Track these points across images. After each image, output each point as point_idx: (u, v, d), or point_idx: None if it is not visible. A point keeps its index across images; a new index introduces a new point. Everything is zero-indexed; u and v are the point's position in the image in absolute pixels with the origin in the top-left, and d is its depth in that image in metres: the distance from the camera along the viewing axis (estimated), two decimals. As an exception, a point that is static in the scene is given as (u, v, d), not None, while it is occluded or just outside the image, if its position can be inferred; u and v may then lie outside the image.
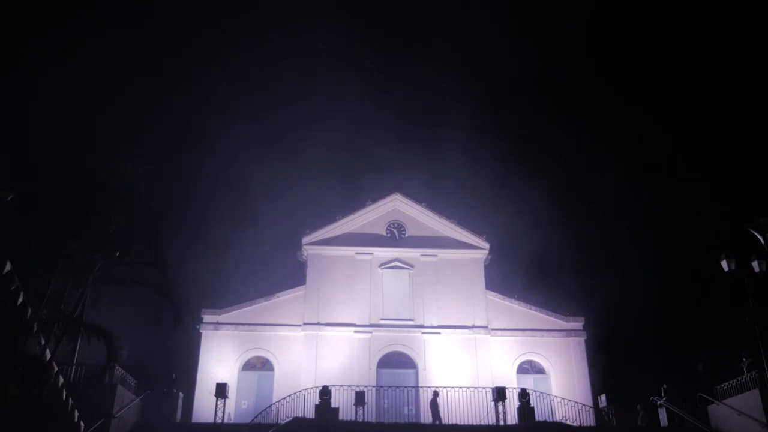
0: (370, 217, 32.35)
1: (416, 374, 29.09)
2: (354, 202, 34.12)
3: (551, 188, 52.87)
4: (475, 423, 24.01)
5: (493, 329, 30.17)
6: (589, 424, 25.13)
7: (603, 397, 26.36)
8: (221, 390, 24.47)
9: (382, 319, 30.06)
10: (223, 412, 23.96)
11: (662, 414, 23.75)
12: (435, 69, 64.71)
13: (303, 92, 71.07)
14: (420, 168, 37.25)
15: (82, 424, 16.30)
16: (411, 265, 31.27)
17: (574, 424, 23.98)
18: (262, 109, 67.49)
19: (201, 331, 29.50)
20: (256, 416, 24.24)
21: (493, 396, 24.20)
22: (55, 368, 14.04)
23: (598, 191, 54.90)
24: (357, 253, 31.30)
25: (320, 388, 23.51)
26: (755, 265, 20.33)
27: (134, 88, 56.63)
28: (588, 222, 49.97)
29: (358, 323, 29.91)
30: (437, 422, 24.26)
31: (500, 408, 23.63)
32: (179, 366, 27.94)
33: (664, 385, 24.04)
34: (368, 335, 29.64)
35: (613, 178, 55.98)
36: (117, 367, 20.66)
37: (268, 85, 69.92)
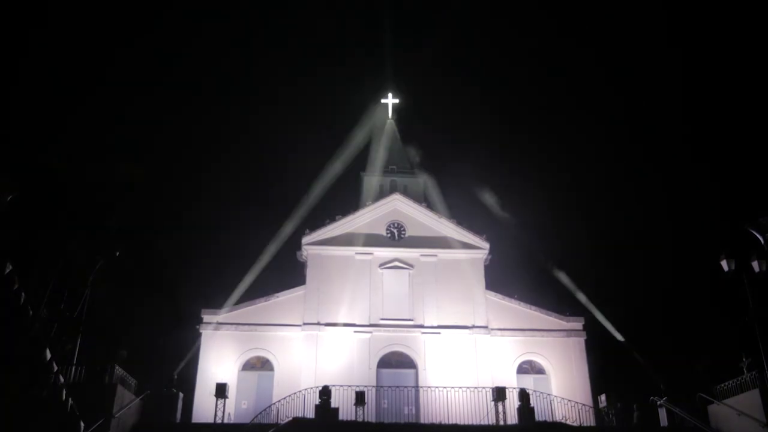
0: (370, 217, 32.33)
1: (416, 374, 29.08)
2: (354, 202, 34.14)
3: (552, 188, 52.92)
4: (475, 423, 24.01)
5: (493, 329, 30.16)
6: (589, 424, 25.12)
7: (603, 397, 26.36)
8: (221, 390, 24.46)
9: (382, 319, 30.05)
10: (223, 412, 23.95)
11: (662, 414, 23.74)
12: (433, 68, 64.66)
13: (301, 89, 71.14)
14: (420, 167, 37.09)
15: (82, 424, 16.27)
16: (411, 265, 31.25)
17: (574, 424, 23.97)
18: (261, 108, 67.46)
19: (201, 331, 29.49)
20: (256, 416, 24.23)
21: (493, 396, 24.21)
22: (55, 368, 14.03)
23: (598, 191, 54.88)
24: (357, 253, 31.27)
25: (320, 388, 23.48)
26: (755, 265, 20.32)
27: (133, 87, 56.61)
28: (588, 221, 49.95)
29: (358, 323, 29.89)
30: None
31: (500, 408, 23.63)
32: (179, 366, 27.96)
33: (663, 385, 24.04)
34: (368, 335, 29.63)
35: (614, 177, 56.01)
36: (117, 367, 20.63)
37: (264, 85, 69.95)
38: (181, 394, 24.07)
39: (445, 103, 66.41)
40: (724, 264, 21.12)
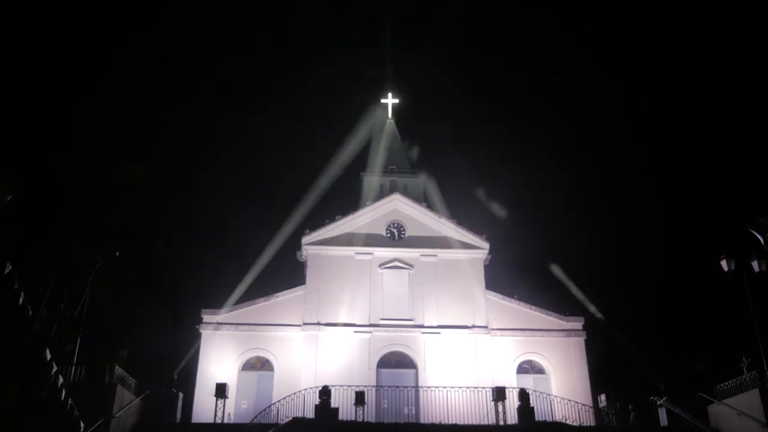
0: (370, 217, 32.32)
1: (416, 374, 29.07)
2: (354, 202, 34.13)
3: (552, 188, 52.93)
4: (475, 423, 24.00)
5: (493, 329, 30.15)
6: (589, 424, 25.12)
7: (603, 397, 26.36)
8: (221, 390, 24.46)
9: (382, 319, 30.04)
10: (223, 412, 23.95)
11: (662, 414, 23.74)
12: (433, 68, 64.71)
13: (301, 89, 71.16)
14: (420, 167, 37.17)
15: (81, 424, 16.26)
16: (411, 265, 31.23)
17: (574, 424, 23.97)
18: (261, 108, 67.46)
19: (201, 331, 29.49)
20: (256, 416, 24.23)
21: (492, 396, 24.21)
22: (55, 368, 14.02)
23: (598, 190, 54.89)
24: (357, 253, 31.26)
25: (320, 388, 23.49)
26: (755, 265, 20.31)
27: (133, 87, 56.60)
28: (588, 221, 49.96)
29: (357, 323, 29.88)
30: None
31: (500, 408, 23.63)
32: (179, 366, 27.97)
33: (663, 385, 24.04)
34: (368, 335, 29.62)
35: (614, 177, 56.02)
36: (117, 367, 20.63)
37: (264, 85, 69.96)
38: (181, 394, 24.08)
39: (445, 103, 66.46)
40: (724, 264, 21.12)
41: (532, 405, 23.42)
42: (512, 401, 24.10)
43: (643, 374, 31.12)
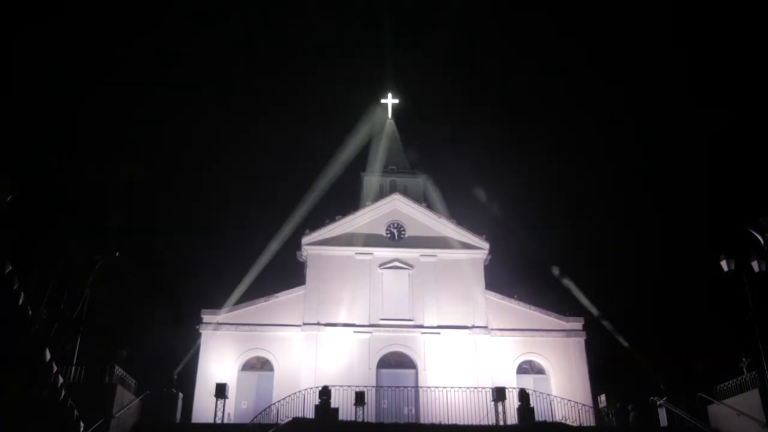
0: (370, 217, 32.30)
1: (416, 374, 29.06)
2: (354, 202, 34.11)
3: (552, 188, 52.96)
4: (474, 423, 23.99)
5: (492, 329, 30.14)
6: (589, 424, 25.12)
7: (603, 397, 26.36)
8: (221, 390, 24.45)
9: (382, 319, 30.03)
10: (223, 413, 23.94)
11: (662, 414, 23.74)
12: (433, 68, 64.69)
13: (301, 89, 71.16)
14: (420, 167, 37.17)
15: (81, 424, 16.24)
16: (411, 266, 31.23)
17: (574, 424, 23.97)
18: (261, 107, 67.49)
19: (201, 331, 29.48)
20: (256, 416, 24.23)
21: (492, 396, 24.22)
22: (55, 368, 14.01)
23: (598, 190, 54.89)
24: (357, 253, 31.25)
25: (320, 388, 23.48)
26: (755, 265, 20.30)
27: (133, 87, 56.60)
28: (588, 221, 49.95)
29: (357, 323, 29.87)
30: None
31: (500, 408, 23.63)
32: (179, 366, 27.97)
33: (663, 385, 24.03)
34: (368, 335, 29.62)
35: (614, 177, 56.01)
36: (117, 367, 20.63)
37: (264, 85, 69.99)
38: (181, 394, 24.08)
39: (445, 103, 66.48)
40: (723, 264, 21.11)
41: (532, 405, 23.42)
42: (512, 401, 24.09)
43: (643, 374, 31.10)
